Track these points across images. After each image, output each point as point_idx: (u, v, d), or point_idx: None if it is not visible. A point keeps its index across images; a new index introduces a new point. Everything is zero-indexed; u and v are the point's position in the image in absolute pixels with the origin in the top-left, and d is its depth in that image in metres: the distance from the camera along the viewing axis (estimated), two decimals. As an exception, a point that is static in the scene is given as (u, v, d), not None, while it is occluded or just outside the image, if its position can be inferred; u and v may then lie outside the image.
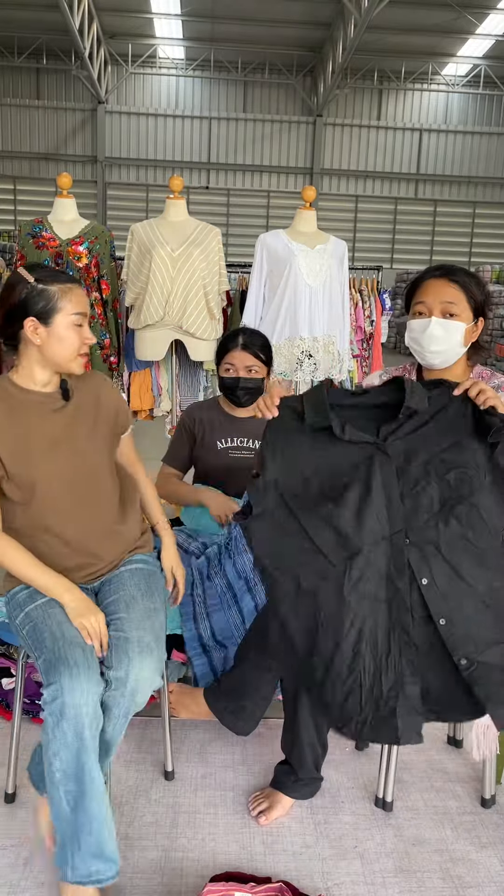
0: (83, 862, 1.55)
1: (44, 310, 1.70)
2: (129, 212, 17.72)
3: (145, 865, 1.78)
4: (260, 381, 2.51)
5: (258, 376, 2.51)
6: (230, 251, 15.37)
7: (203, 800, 2.01)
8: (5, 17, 15.08)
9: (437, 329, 1.83)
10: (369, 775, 2.14)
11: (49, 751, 1.53)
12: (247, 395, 2.50)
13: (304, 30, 15.77)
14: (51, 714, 1.52)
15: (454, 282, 1.84)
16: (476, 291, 1.85)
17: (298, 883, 1.73)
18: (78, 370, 1.76)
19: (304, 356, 3.44)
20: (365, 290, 4.32)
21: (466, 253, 19.11)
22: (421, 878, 1.78)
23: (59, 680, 1.52)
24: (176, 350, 3.54)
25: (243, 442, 2.55)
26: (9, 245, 12.82)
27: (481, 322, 1.88)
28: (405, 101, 18.45)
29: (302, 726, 1.91)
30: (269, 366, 2.56)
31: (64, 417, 1.77)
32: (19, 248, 3.48)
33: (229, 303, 3.90)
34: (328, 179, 18.62)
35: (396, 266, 18.12)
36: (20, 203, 18.42)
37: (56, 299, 1.70)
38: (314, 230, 3.56)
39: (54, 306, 1.70)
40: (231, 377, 2.50)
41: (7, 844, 1.82)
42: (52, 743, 1.53)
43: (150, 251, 3.30)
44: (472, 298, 1.84)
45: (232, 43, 16.62)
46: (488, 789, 2.04)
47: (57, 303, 1.70)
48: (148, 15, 15.50)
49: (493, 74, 17.65)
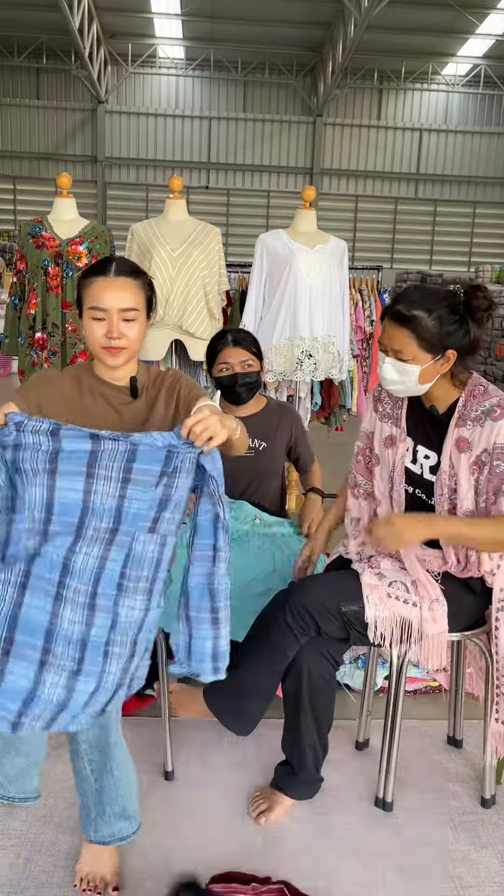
0: (106, 824, 1.70)
1: (78, 300, 1.73)
2: (129, 212, 17.71)
3: (145, 865, 1.78)
4: (256, 375, 2.50)
5: (254, 370, 2.49)
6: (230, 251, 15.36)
7: (203, 800, 2.01)
8: (5, 17, 15.08)
9: (390, 370, 1.81)
10: (369, 775, 2.14)
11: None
12: (246, 391, 2.49)
13: (304, 30, 15.76)
14: None
15: (404, 325, 1.75)
16: (431, 331, 1.73)
17: (298, 883, 1.73)
18: (110, 362, 1.72)
19: (304, 356, 3.44)
20: (365, 290, 4.31)
21: (466, 253, 19.11)
22: (421, 878, 1.78)
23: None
24: (176, 350, 3.54)
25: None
26: (9, 245, 12.83)
27: (451, 354, 1.78)
28: (405, 101, 18.45)
29: (303, 727, 1.91)
30: (260, 359, 2.54)
31: (125, 414, 1.75)
32: (19, 247, 3.48)
33: (229, 303, 3.90)
34: (328, 179, 18.62)
35: (396, 266, 18.10)
36: (20, 203, 18.42)
37: (82, 290, 1.71)
38: (314, 230, 3.56)
39: (81, 297, 1.71)
40: (228, 375, 2.48)
41: (7, 844, 1.82)
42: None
43: (150, 251, 3.30)
44: (424, 339, 1.74)
45: (232, 43, 16.62)
46: (488, 789, 2.04)
47: (82, 294, 1.71)
48: (148, 15, 15.50)
49: (493, 74, 17.65)
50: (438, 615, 1.83)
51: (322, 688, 1.89)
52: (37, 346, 3.38)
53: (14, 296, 3.55)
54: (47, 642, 1.40)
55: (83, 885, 1.71)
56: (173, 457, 1.44)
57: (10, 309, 3.56)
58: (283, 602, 1.88)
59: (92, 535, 1.43)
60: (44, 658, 1.39)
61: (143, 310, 1.73)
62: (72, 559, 1.42)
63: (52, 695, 1.40)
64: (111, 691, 1.47)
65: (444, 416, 1.87)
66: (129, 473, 1.43)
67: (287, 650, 1.87)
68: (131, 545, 1.45)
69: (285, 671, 1.91)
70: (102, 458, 1.43)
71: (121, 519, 1.44)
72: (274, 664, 1.90)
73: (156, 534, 1.47)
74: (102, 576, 1.44)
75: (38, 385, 1.74)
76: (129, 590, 1.45)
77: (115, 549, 1.44)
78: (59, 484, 1.42)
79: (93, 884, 1.70)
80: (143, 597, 1.47)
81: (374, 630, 1.83)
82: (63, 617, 1.41)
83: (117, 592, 1.44)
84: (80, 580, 1.42)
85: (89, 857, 1.74)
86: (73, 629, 1.41)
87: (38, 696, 1.38)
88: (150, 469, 1.43)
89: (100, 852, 1.73)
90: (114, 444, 1.43)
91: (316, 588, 1.89)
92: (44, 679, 1.39)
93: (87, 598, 1.43)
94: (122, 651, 1.46)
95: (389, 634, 1.85)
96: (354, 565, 1.96)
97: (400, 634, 1.85)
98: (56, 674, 1.40)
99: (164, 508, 1.46)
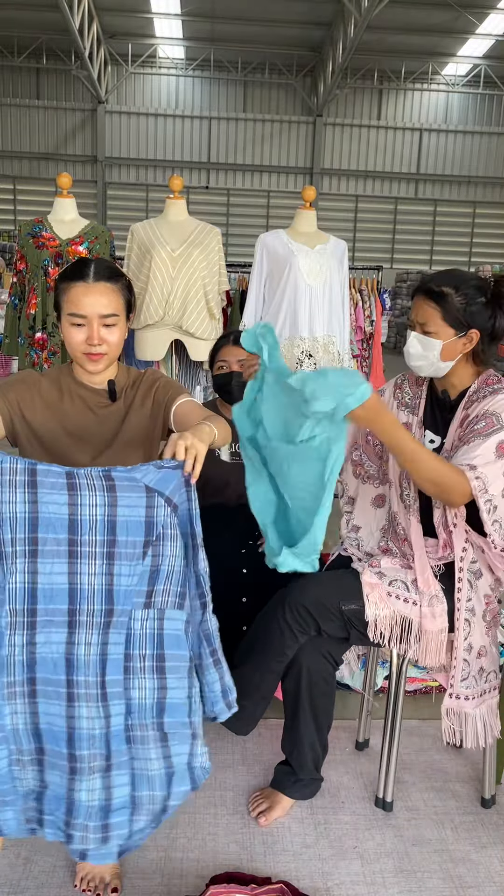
0: None
1: (56, 303, 1.72)
2: (129, 212, 17.73)
3: (145, 866, 1.78)
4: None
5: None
6: (230, 251, 15.40)
7: (203, 800, 2.00)
8: (5, 17, 15.08)
9: (414, 345, 1.87)
10: (369, 775, 2.14)
11: None
12: (241, 390, 2.43)
13: (304, 30, 15.76)
14: None
15: (431, 299, 1.83)
16: (457, 306, 1.81)
17: (298, 883, 1.73)
18: (91, 369, 1.73)
19: (304, 356, 3.44)
20: (365, 290, 4.32)
21: (466, 253, 19.11)
22: (421, 878, 1.78)
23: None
24: (176, 350, 3.54)
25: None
26: (9, 245, 12.83)
27: (475, 334, 1.83)
28: (405, 101, 18.45)
29: (302, 726, 1.91)
30: None
31: (104, 417, 1.75)
32: (19, 247, 3.48)
33: (229, 303, 3.91)
34: (328, 179, 18.62)
35: (396, 266, 18.11)
36: (20, 203, 18.42)
37: (60, 294, 1.70)
38: (314, 230, 3.56)
39: (59, 301, 1.71)
40: (224, 373, 2.46)
41: (7, 844, 1.82)
42: None
43: (150, 251, 3.30)
44: (449, 314, 1.82)
45: (232, 43, 16.62)
46: (488, 789, 2.04)
47: (60, 298, 1.70)
48: (148, 15, 15.50)
49: (493, 74, 17.64)
50: (438, 611, 1.84)
51: (322, 687, 1.89)
52: (37, 346, 3.39)
53: (14, 296, 3.55)
54: (71, 748, 1.35)
55: (83, 885, 1.71)
56: (154, 524, 1.34)
57: (10, 309, 3.57)
58: (282, 601, 1.88)
59: (86, 622, 1.34)
60: (72, 765, 1.35)
61: (123, 313, 1.73)
62: (73, 652, 1.34)
63: (89, 802, 1.36)
64: (163, 783, 1.39)
65: (454, 402, 1.91)
66: (112, 547, 1.33)
67: (287, 649, 1.87)
68: (129, 625, 1.36)
69: (285, 670, 1.91)
70: (83, 525, 1.32)
71: (112, 599, 1.34)
72: (273, 663, 1.90)
73: (152, 608, 1.37)
74: (107, 662, 1.35)
75: (17, 386, 1.73)
76: (136, 671, 1.37)
77: (114, 633, 1.35)
78: (41, 568, 1.31)
79: (92, 884, 1.70)
80: (154, 676, 1.38)
81: (374, 629, 1.83)
82: (80, 716, 1.34)
83: (124, 677, 1.37)
84: (87, 673, 1.34)
85: None
86: (93, 725, 1.35)
87: (76, 807, 1.35)
88: (134, 541, 1.34)
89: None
90: (88, 481, 1.33)
91: (316, 587, 1.89)
92: (77, 788, 1.36)
93: (97, 689, 1.35)
94: (152, 734, 1.38)
95: (389, 633, 1.85)
96: (355, 564, 1.97)
97: (400, 633, 1.86)
98: (88, 779, 1.35)
99: (156, 581, 1.36)
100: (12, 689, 1.34)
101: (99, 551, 1.33)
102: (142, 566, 1.35)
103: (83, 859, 1.41)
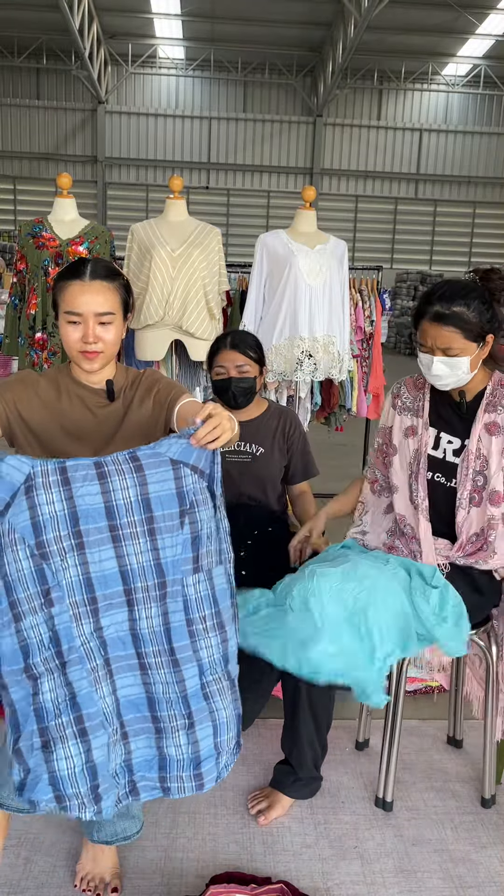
0: (110, 823, 1.68)
1: (53, 302, 1.72)
2: (129, 212, 17.71)
3: (145, 865, 1.78)
4: (252, 381, 2.44)
5: (250, 375, 2.44)
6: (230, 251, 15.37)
7: (203, 800, 2.01)
8: (5, 17, 15.07)
9: (441, 368, 1.86)
10: (369, 775, 2.14)
11: None
12: (240, 396, 2.42)
13: (304, 30, 15.76)
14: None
15: (448, 323, 1.82)
16: (473, 321, 1.82)
17: (298, 883, 1.73)
18: (86, 367, 1.73)
19: (304, 356, 3.44)
20: (365, 290, 4.31)
21: (466, 253, 19.11)
22: (421, 878, 1.78)
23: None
24: (176, 350, 3.54)
25: (240, 446, 2.48)
26: (9, 245, 12.83)
27: (490, 339, 1.86)
28: (405, 101, 18.44)
29: (302, 726, 1.91)
30: (261, 365, 2.50)
31: (102, 417, 1.75)
32: (19, 247, 3.48)
33: (229, 303, 3.90)
34: (328, 179, 18.61)
35: (396, 266, 18.11)
36: (20, 203, 18.41)
37: (57, 293, 1.71)
38: (314, 230, 3.56)
39: (56, 301, 1.71)
40: (222, 378, 2.44)
41: (7, 844, 1.82)
42: None
43: (150, 251, 3.30)
44: (470, 331, 1.82)
45: (232, 43, 16.61)
46: (488, 789, 2.04)
47: (57, 297, 1.71)
48: (148, 15, 15.49)
49: (493, 74, 17.64)
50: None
51: (321, 686, 1.89)
52: (37, 347, 3.39)
53: (14, 296, 3.55)
54: (152, 710, 1.45)
55: (83, 885, 1.71)
56: (185, 494, 1.41)
57: (10, 309, 3.57)
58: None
59: (143, 598, 1.41)
60: (156, 725, 1.46)
61: (120, 312, 1.73)
62: (136, 628, 1.42)
63: (178, 755, 1.47)
64: (234, 727, 1.51)
65: (470, 404, 1.93)
66: (151, 524, 1.40)
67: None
68: (184, 591, 1.42)
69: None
70: (120, 509, 1.37)
71: (163, 571, 1.41)
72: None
73: (201, 572, 1.44)
74: (171, 631, 1.42)
75: (15, 386, 1.73)
76: (200, 633, 1.44)
77: (171, 602, 1.42)
78: (90, 558, 1.38)
79: (92, 884, 1.70)
80: (217, 632, 1.46)
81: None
82: (155, 682, 1.44)
83: (191, 640, 1.44)
84: (154, 643, 1.42)
85: (89, 857, 1.74)
86: (169, 689, 1.44)
87: (167, 761, 1.47)
88: (170, 513, 1.40)
89: (100, 852, 1.73)
90: (116, 466, 1.38)
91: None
92: (164, 745, 1.46)
93: (168, 657, 1.43)
94: (220, 687, 1.47)
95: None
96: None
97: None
98: (173, 734, 1.45)
99: (199, 546, 1.43)
100: (95, 675, 1.40)
101: (140, 531, 1.39)
102: (182, 535, 1.41)
103: (173, 795, 1.50)
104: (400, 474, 2.03)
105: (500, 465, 1.87)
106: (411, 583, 1.83)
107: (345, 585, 1.75)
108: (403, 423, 2.04)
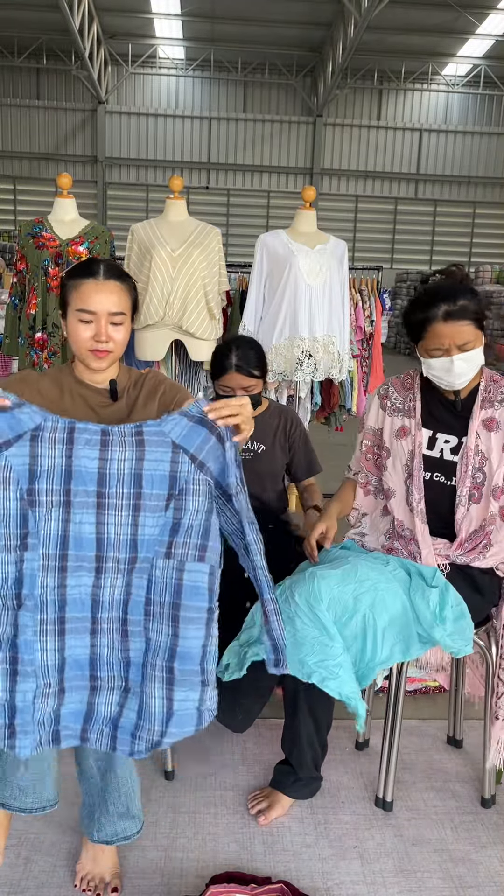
0: (110, 823, 1.71)
1: (63, 302, 1.72)
2: (129, 212, 17.72)
3: (145, 865, 1.78)
4: (257, 396, 2.49)
5: (255, 391, 2.48)
6: (230, 251, 15.37)
7: (203, 800, 2.01)
8: (5, 17, 15.08)
9: (461, 365, 1.87)
10: (369, 775, 2.14)
11: None
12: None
13: (304, 30, 15.76)
14: None
15: (460, 318, 1.84)
16: (479, 309, 1.87)
17: (298, 883, 1.73)
18: (95, 366, 1.73)
19: (303, 356, 3.44)
20: (365, 290, 4.31)
21: (466, 253, 19.11)
22: (421, 878, 1.78)
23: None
24: (176, 350, 3.54)
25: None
26: (9, 245, 12.83)
27: (486, 324, 1.91)
28: (405, 101, 18.45)
29: (301, 726, 1.91)
30: (265, 375, 2.52)
31: (105, 416, 1.74)
32: (19, 247, 3.48)
33: (229, 303, 3.90)
34: (328, 179, 18.62)
35: (396, 266, 18.11)
36: (20, 203, 18.42)
37: (68, 291, 1.70)
38: (314, 230, 3.56)
39: (66, 298, 1.71)
40: (229, 396, 2.46)
41: (7, 844, 1.82)
42: None
43: (150, 251, 3.30)
44: (478, 320, 1.87)
45: (232, 43, 16.62)
46: (488, 789, 2.04)
47: (68, 294, 1.71)
48: (148, 15, 15.50)
49: (493, 74, 17.64)
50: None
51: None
52: (37, 347, 3.39)
53: (14, 296, 3.55)
54: (93, 670, 1.48)
55: (83, 885, 1.71)
56: (177, 479, 1.43)
57: (10, 309, 3.57)
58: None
59: (112, 567, 1.44)
60: (93, 684, 1.48)
61: (129, 313, 1.74)
62: (99, 594, 1.45)
63: (106, 712, 1.49)
64: (161, 720, 1.46)
65: (464, 401, 1.94)
66: (138, 500, 1.43)
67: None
68: (151, 571, 1.45)
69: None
70: (112, 478, 1.41)
71: (137, 547, 1.44)
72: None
73: (172, 559, 1.44)
74: (130, 602, 1.45)
75: (16, 385, 1.73)
76: (155, 615, 1.45)
77: (137, 577, 1.45)
78: (72, 518, 1.41)
79: (92, 884, 1.70)
80: (170, 624, 1.44)
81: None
82: (101, 645, 1.47)
83: (145, 618, 1.46)
84: (111, 611, 1.46)
85: (89, 857, 1.74)
86: (113, 654, 1.47)
87: (94, 714, 1.49)
88: (158, 493, 1.43)
89: (100, 852, 1.73)
90: (120, 437, 1.42)
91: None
92: (97, 700, 1.49)
93: (119, 625, 1.46)
94: (160, 675, 1.45)
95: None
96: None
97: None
98: (107, 693, 1.48)
99: (176, 533, 1.44)
100: (44, 627, 1.43)
101: (125, 503, 1.43)
102: (164, 517, 1.44)
103: (91, 745, 1.51)
104: (395, 476, 2.02)
105: (501, 461, 1.87)
106: (411, 584, 1.84)
107: (345, 587, 1.76)
108: (394, 424, 2.03)
